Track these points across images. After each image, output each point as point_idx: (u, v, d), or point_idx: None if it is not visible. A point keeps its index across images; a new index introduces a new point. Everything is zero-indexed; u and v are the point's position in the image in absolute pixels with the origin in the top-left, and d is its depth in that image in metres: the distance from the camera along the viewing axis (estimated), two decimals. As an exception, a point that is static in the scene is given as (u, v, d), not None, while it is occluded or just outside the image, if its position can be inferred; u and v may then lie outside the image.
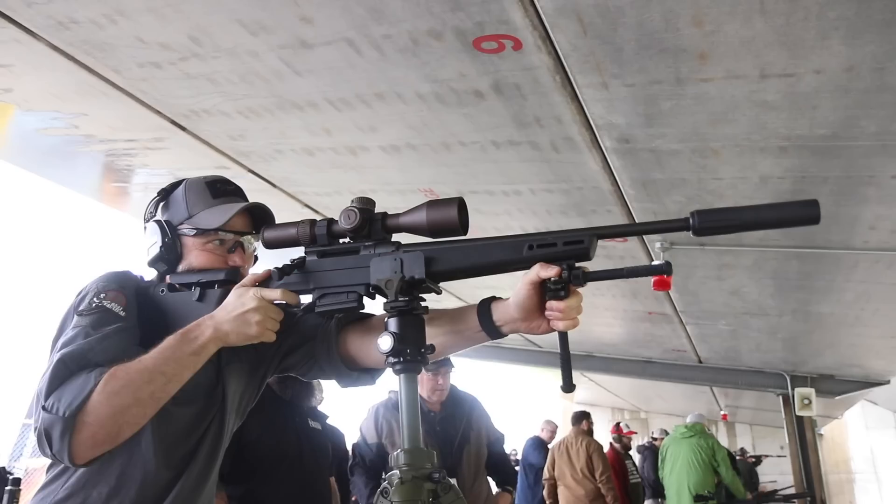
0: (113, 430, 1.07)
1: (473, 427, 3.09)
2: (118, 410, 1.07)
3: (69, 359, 1.10)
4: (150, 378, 1.10)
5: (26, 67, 2.30)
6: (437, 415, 3.03)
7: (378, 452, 2.94)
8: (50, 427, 1.05)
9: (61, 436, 1.04)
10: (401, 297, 1.11)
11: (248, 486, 2.55)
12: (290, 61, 2.11)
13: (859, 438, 10.95)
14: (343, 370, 1.33)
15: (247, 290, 1.19)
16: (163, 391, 1.12)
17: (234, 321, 1.17)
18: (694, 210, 0.98)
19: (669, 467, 5.85)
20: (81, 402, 1.05)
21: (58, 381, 1.08)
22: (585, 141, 2.47)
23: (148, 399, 1.10)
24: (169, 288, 1.31)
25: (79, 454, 1.06)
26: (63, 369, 1.09)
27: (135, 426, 1.11)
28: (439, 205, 1.11)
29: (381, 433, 2.98)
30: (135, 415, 1.09)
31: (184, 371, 1.14)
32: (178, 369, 1.13)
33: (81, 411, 1.05)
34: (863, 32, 1.68)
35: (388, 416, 3.01)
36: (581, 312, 1.07)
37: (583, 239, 1.05)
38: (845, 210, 2.81)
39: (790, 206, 0.95)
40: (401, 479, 1.00)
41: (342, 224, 1.16)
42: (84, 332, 1.15)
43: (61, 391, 1.07)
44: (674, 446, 5.89)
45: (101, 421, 1.06)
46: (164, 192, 1.39)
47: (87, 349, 1.12)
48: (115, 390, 1.07)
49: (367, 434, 3.04)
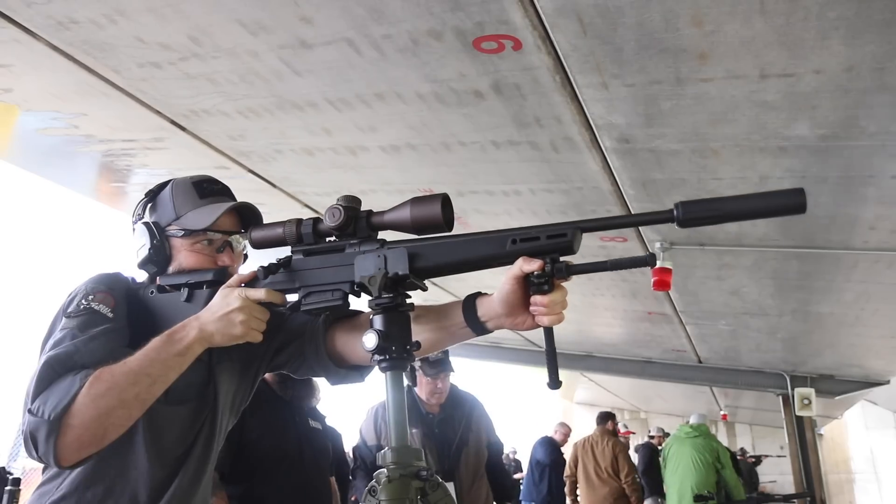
0: (98, 432, 1.08)
1: (472, 429, 3.07)
2: (103, 413, 1.07)
3: (55, 361, 1.11)
4: (136, 380, 1.10)
5: (26, 67, 2.30)
6: (436, 417, 3.02)
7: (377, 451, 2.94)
8: (35, 430, 1.05)
9: (46, 438, 1.04)
10: (385, 294, 1.11)
11: (247, 486, 2.54)
12: (290, 61, 2.11)
13: (859, 438, 10.96)
14: (331, 367, 1.33)
15: (231, 290, 1.20)
16: (148, 393, 1.12)
17: (219, 322, 1.17)
18: (679, 201, 0.98)
19: (673, 467, 5.82)
20: (66, 405, 1.05)
21: (44, 384, 1.08)
22: (585, 141, 2.47)
23: (133, 401, 1.10)
24: (158, 289, 1.31)
25: (64, 457, 1.06)
26: (49, 372, 1.09)
27: (120, 428, 1.11)
28: (423, 201, 1.11)
29: (381, 434, 2.96)
30: (120, 416, 1.09)
31: (169, 372, 1.14)
32: (163, 370, 1.13)
33: (66, 414, 1.05)
34: (863, 32, 1.68)
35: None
36: (566, 307, 1.07)
37: (566, 232, 1.04)
38: (845, 210, 2.81)
39: (776, 195, 0.95)
40: (388, 478, 1.00)
41: (327, 222, 1.16)
42: (71, 335, 1.15)
43: (47, 394, 1.07)
44: (678, 446, 5.86)
45: (86, 423, 1.06)
46: (152, 194, 1.39)
47: (73, 352, 1.12)
48: (100, 393, 1.07)
49: (366, 436, 3.02)
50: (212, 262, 1.32)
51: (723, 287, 4.23)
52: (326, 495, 2.88)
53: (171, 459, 1.25)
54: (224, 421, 1.37)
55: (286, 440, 2.68)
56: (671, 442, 6.04)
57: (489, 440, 3.20)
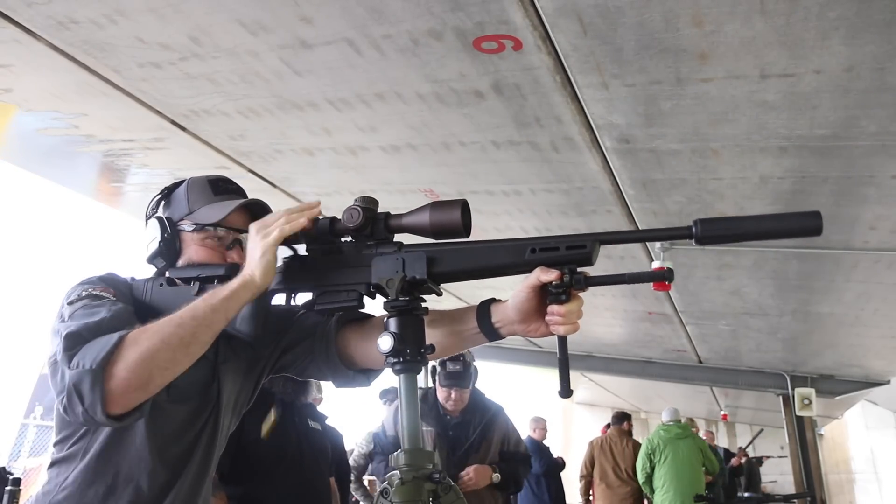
0: (144, 374, 1.04)
1: (487, 437, 3.06)
2: (146, 355, 1.04)
3: (83, 329, 1.08)
4: (180, 321, 1.08)
5: (26, 67, 2.30)
6: (453, 419, 3.07)
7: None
8: (79, 381, 1.01)
9: (92, 387, 1.01)
10: (401, 297, 1.11)
11: (247, 487, 2.55)
12: (290, 61, 2.11)
13: (859, 438, 10.95)
14: (340, 369, 1.33)
15: (262, 227, 1.19)
16: (192, 336, 1.09)
17: (260, 262, 1.15)
18: (697, 219, 1.00)
19: (667, 467, 5.80)
20: (109, 352, 1.03)
21: (78, 346, 1.05)
22: (585, 141, 2.47)
23: (177, 343, 1.07)
24: (168, 282, 1.31)
25: (113, 402, 1.02)
26: (78, 338, 1.07)
27: (166, 371, 1.07)
28: (443, 206, 1.11)
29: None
30: (164, 359, 1.06)
31: (215, 315, 1.11)
32: (209, 313, 1.11)
33: (110, 361, 1.02)
34: (863, 32, 1.68)
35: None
36: (581, 317, 1.07)
37: (585, 244, 1.05)
38: (845, 210, 2.81)
39: (793, 218, 0.97)
40: (401, 480, 1.00)
41: (345, 223, 1.16)
42: (83, 312, 1.13)
43: (84, 351, 1.04)
44: (671, 446, 5.87)
45: (131, 366, 1.03)
46: (167, 190, 1.40)
47: (98, 320, 1.10)
48: (143, 336, 1.05)
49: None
50: (221, 258, 1.32)
51: (723, 287, 4.23)
52: (326, 496, 2.88)
53: (173, 459, 1.25)
54: (227, 421, 1.36)
55: (286, 441, 2.68)
56: (661, 441, 5.97)
57: (515, 450, 3.16)
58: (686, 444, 5.81)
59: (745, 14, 1.67)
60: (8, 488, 3.27)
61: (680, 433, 5.89)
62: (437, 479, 1.02)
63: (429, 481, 1.02)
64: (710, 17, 1.69)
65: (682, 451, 5.77)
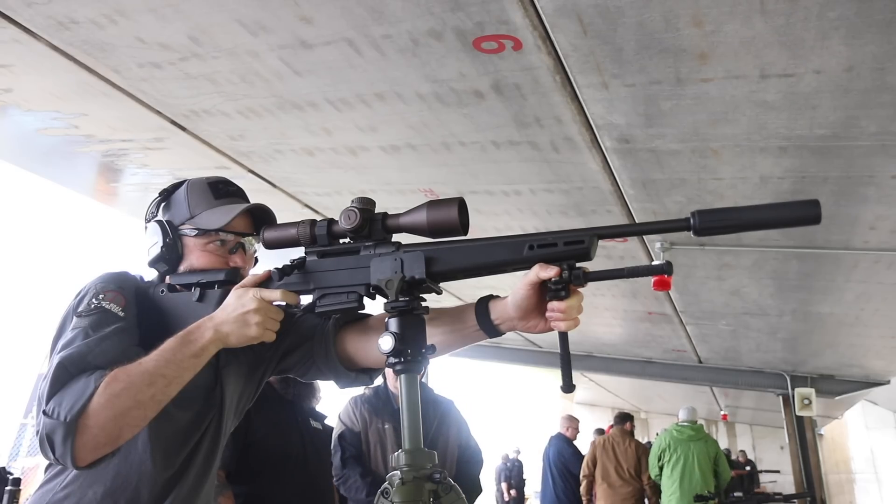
0: (114, 432, 1.07)
1: (443, 432, 3.00)
2: (119, 413, 1.06)
3: (69, 362, 1.10)
4: (151, 381, 1.10)
5: (26, 67, 2.30)
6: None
7: (360, 439, 2.92)
8: (52, 432, 1.04)
9: (63, 440, 1.04)
10: (401, 298, 1.11)
11: (253, 486, 2.55)
12: (290, 61, 2.11)
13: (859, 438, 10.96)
14: (341, 371, 1.33)
15: (246, 290, 1.19)
16: (163, 393, 1.11)
17: (235, 322, 1.16)
18: (695, 210, 0.99)
19: (679, 469, 5.69)
20: (82, 407, 1.05)
21: (58, 385, 1.08)
22: (585, 141, 2.47)
23: (149, 401, 1.10)
24: (169, 288, 1.31)
25: (81, 457, 1.06)
26: (63, 373, 1.09)
27: (135, 428, 1.10)
28: (440, 205, 1.10)
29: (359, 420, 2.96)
30: (136, 417, 1.09)
31: (184, 373, 1.14)
32: (178, 371, 1.13)
33: (83, 415, 1.04)
34: (863, 32, 1.68)
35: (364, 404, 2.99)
36: (581, 312, 1.07)
37: (583, 239, 1.05)
38: (845, 210, 2.81)
39: (791, 206, 0.95)
40: (402, 480, 1.00)
41: (342, 224, 1.16)
42: (83, 333, 1.15)
43: (61, 395, 1.06)
44: (682, 448, 5.77)
45: (102, 424, 1.05)
46: (166, 193, 1.39)
47: (86, 351, 1.12)
48: (116, 393, 1.07)
49: (348, 422, 3.00)
50: (223, 263, 1.32)
51: (723, 287, 4.23)
52: (330, 495, 2.88)
53: (176, 461, 1.25)
54: (228, 423, 1.37)
55: (290, 440, 2.69)
56: (672, 443, 5.90)
57: (466, 443, 3.10)
58: (698, 448, 5.65)
59: (744, 14, 1.67)
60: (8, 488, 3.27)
61: (693, 435, 5.73)
62: (438, 478, 1.02)
63: (429, 481, 1.02)
64: (710, 17, 1.69)
65: (692, 455, 5.62)
